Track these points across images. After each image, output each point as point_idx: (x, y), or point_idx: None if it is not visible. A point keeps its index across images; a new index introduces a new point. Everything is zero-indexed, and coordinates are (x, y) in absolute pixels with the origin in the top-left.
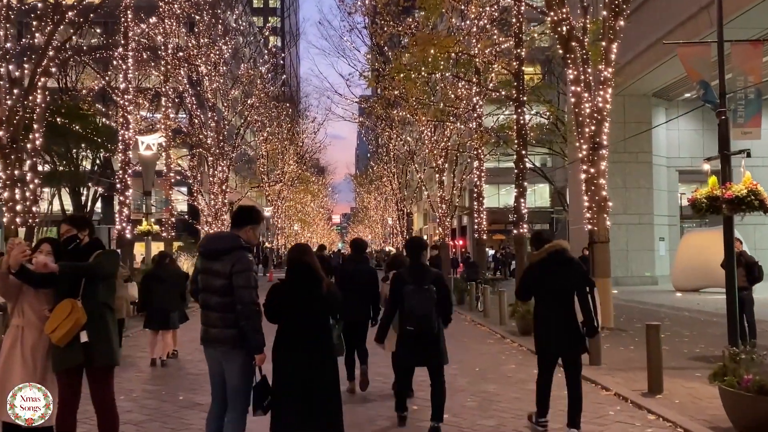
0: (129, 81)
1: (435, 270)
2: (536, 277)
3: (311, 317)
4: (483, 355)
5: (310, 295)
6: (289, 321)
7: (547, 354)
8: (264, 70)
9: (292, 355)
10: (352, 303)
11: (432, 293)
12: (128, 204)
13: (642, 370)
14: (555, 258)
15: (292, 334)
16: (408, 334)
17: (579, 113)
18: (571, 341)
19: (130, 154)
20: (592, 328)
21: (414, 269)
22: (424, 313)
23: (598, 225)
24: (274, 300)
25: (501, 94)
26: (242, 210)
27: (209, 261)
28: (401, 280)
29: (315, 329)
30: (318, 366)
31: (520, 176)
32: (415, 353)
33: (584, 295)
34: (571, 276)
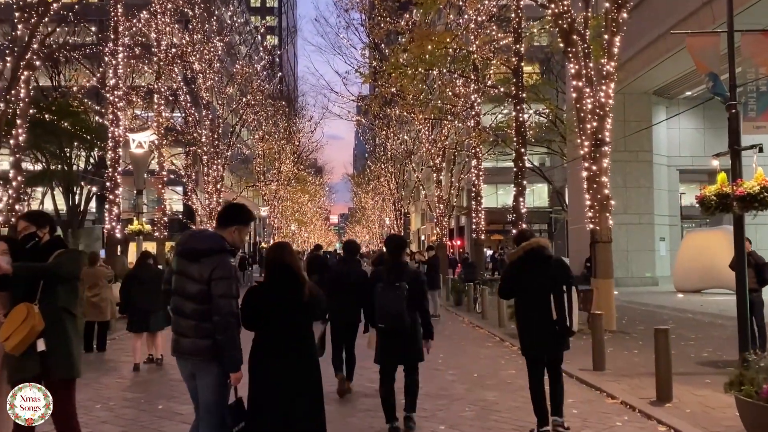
0: (119, 77)
1: (413, 269)
2: (515, 275)
3: (292, 324)
4: (481, 360)
5: (290, 300)
6: (267, 328)
7: (532, 354)
8: (260, 68)
9: (271, 366)
10: (342, 305)
11: (403, 291)
12: (118, 203)
13: (649, 377)
14: (533, 256)
15: (270, 343)
16: (381, 332)
17: (580, 109)
18: (552, 339)
19: (120, 152)
20: (565, 328)
21: (391, 267)
22: (394, 310)
23: (600, 224)
24: (250, 305)
25: (500, 90)
26: (230, 208)
27: (186, 262)
28: (377, 277)
29: (296, 337)
30: (299, 378)
31: (519, 175)
32: (391, 351)
33: (560, 294)
34: (548, 274)
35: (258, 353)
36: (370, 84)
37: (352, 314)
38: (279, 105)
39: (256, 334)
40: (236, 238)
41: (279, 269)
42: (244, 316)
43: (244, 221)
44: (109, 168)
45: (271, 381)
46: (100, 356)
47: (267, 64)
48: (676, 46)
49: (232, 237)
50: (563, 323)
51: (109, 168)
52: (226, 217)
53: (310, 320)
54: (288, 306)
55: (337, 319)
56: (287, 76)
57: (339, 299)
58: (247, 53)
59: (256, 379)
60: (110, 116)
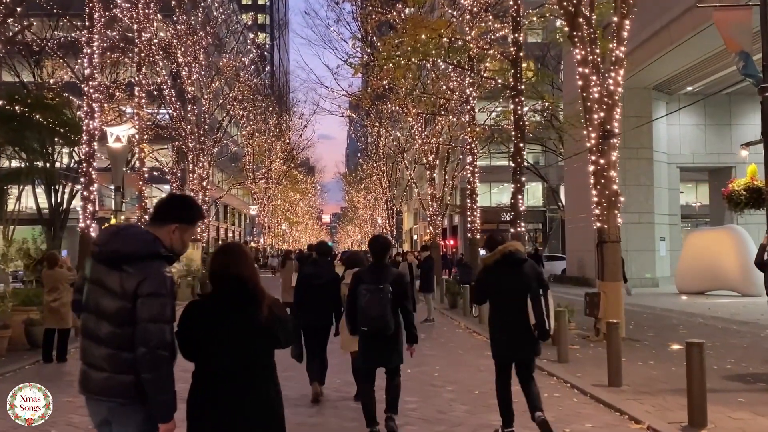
0: (94, 66)
1: (397, 270)
2: (489, 279)
3: (244, 353)
4: (482, 372)
5: (242, 321)
6: (211, 360)
7: (502, 357)
8: (248, 62)
9: (215, 413)
10: (312, 307)
11: (386, 293)
12: (93, 200)
13: (673, 394)
14: (507, 259)
15: (214, 380)
16: (363, 334)
17: (587, 98)
18: (524, 344)
19: (95, 146)
20: (543, 332)
21: (373, 269)
22: (377, 313)
23: (608, 222)
24: (187, 326)
25: (497, 82)
26: (170, 200)
27: (104, 269)
28: (359, 279)
29: (250, 372)
30: (253, 427)
31: (517, 171)
32: (372, 354)
33: (536, 297)
34: (524, 278)
35: (198, 395)
36: (362, 79)
37: (324, 317)
38: (268, 101)
39: (196, 367)
40: (176, 240)
41: (226, 280)
42: (179, 341)
43: (188, 219)
44: (83, 163)
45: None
46: (59, 368)
47: (255, 57)
48: (679, 37)
49: (170, 238)
50: (542, 327)
51: (83, 163)
52: (164, 211)
53: (270, 349)
54: (239, 330)
55: (308, 322)
56: (278, 73)
57: (310, 302)
58: (234, 47)
59: (196, 430)
60: (85, 108)
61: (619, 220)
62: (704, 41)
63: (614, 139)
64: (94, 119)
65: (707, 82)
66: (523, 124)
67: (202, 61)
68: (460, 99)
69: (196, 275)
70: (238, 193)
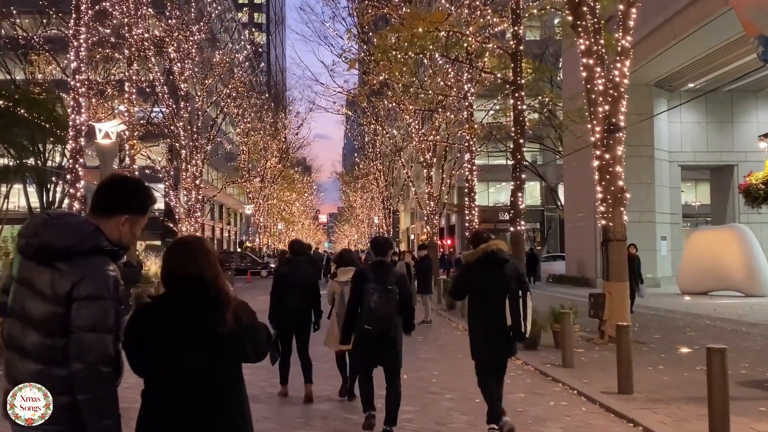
0: (81, 60)
1: (399, 270)
2: (470, 277)
3: (204, 368)
4: None
5: (202, 330)
6: (163, 376)
7: (483, 357)
8: (242, 58)
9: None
10: (289, 308)
11: (395, 294)
12: (80, 197)
13: (687, 402)
14: (489, 258)
15: (168, 401)
16: (365, 334)
17: (591, 90)
18: (501, 344)
19: (82, 142)
20: (519, 334)
21: (377, 268)
22: (384, 313)
23: (613, 220)
24: (137, 336)
25: (496, 77)
26: (117, 186)
27: (32, 265)
28: (363, 278)
29: (210, 391)
30: None
31: (517, 168)
32: (371, 353)
33: (515, 298)
34: (504, 277)
35: (149, 419)
36: (359, 76)
37: (303, 318)
38: (264, 98)
39: (146, 385)
40: (125, 233)
41: (183, 282)
42: (127, 353)
43: (140, 208)
44: (70, 159)
45: None
46: None
47: (250, 53)
48: (683, 31)
49: (118, 232)
50: (517, 328)
51: (70, 159)
52: (111, 199)
53: (235, 363)
54: (198, 340)
55: (284, 323)
56: (275, 73)
57: (286, 302)
58: (228, 42)
59: None
60: (71, 103)
61: (625, 218)
62: (708, 35)
63: (620, 132)
64: (80, 114)
65: (709, 79)
66: (523, 119)
67: (194, 55)
68: (458, 95)
69: None
70: (234, 193)
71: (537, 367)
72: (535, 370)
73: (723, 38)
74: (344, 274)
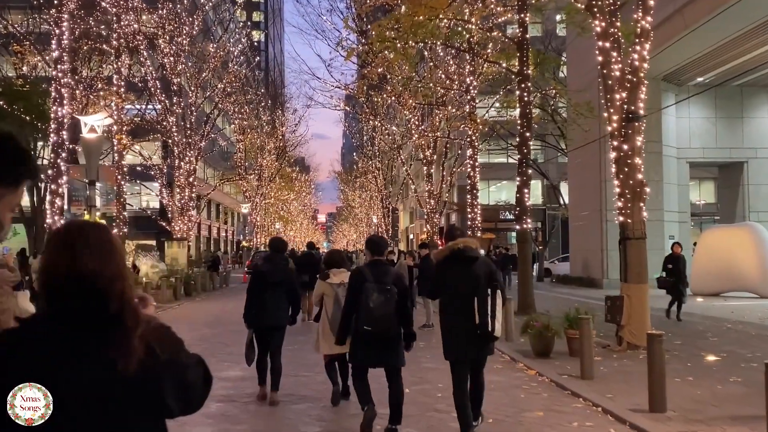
0: (63, 48)
1: (396, 269)
2: (439, 276)
3: (110, 421)
4: (493, 392)
5: (93, 370)
6: None
7: (455, 357)
8: (237, 52)
9: None
10: (267, 307)
11: (393, 293)
12: (61, 194)
13: (731, 422)
14: (457, 256)
15: None
16: (364, 334)
17: (607, 75)
18: (474, 343)
19: (64, 135)
20: (486, 333)
21: (375, 267)
22: (384, 313)
23: (632, 216)
24: None
25: (502, 67)
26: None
27: None
28: (361, 277)
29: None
30: None
31: (523, 163)
32: (371, 353)
33: (482, 296)
34: (472, 275)
35: None
36: (357, 71)
37: (281, 317)
38: (261, 95)
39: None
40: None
41: (68, 291)
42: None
43: (13, 177)
44: (51, 153)
45: None
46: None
47: (245, 47)
48: (694, 22)
49: None
50: (484, 327)
51: (51, 153)
52: None
53: (148, 423)
54: (87, 389)
55: (262, 322)
56: (273, 68)
57: (264, 300)
58: (223, 35)
59: None
60: (53, 94)
61: (644, 214)
62: (720, 25)
63: (639, 122)
64: (63, 106)
65: (718, 73)
66: (529, 112)
67: (185, 46)
68: (459, 89)
69: (180, 276)
70: (232, 192)
71: (553, 379)
72: (551, 383)
73: (734, 30)
74: (337, 276)
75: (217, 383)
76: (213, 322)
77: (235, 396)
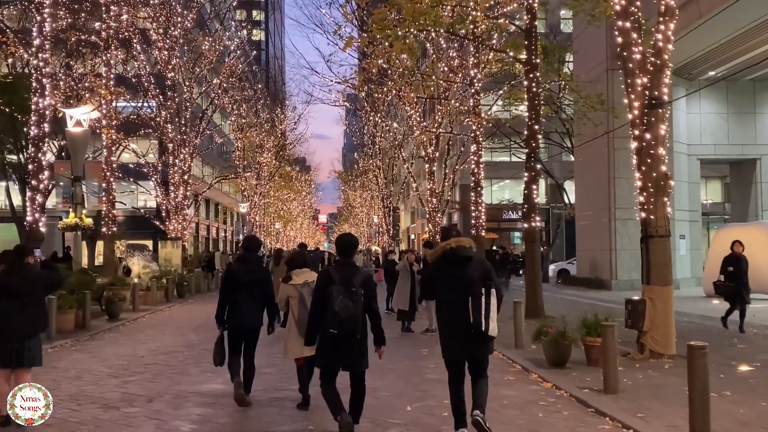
0: (45, 36)
1: (366, 271)
2: (435, 275)
3: None
4: (507, 410)
5: None
6: None
7: (451, 356)
8: (233, 46)
9: None
10: (241, 308)
11: (359, 295)
12: (42, 189)
13: None
14: (451, 256)
15: None
16: (330, 337)
17: (628, 58)
18: (472, 343)
19: (46, 128)
20: (480, 333)
21: (343, 268)
22: (349, 315)
23: (655, 212)
24: None
25: (509, 56)
26: None
27: None
28: (328, 279)
29: None
30: None
31: (531, 158)
32: (337, 356)
33: (477, 297)
34: (466, 275)
35: None
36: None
37: (255, 318)
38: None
39: None
40: None
41: None
42: None
43: None
44: (32, 147)
45: None
46: None
47: (243, 41)
48: (709, 10)
49: None
50: (478, 327)
51: (32, 147)
52: None
53: None
54: None
55: (235, 323)
56: (273, 68)
57: (237, 301)
58: (218, 29)
59: None
60: (34, 84)
61: (668, 210)
62: (735, 15)
63: (663, 108)
64: (44, 97)
65: (731, 66)
66: (538, 103)
67: (179, 38)
68: (463, 81)
69: (172, 277)
70: (231, 191)
71: (573, 394)
72: (571, 398)
73: (749, 20)
74: (299, 276)
75: (195, 398)
76: (201, 326)
77: (212, 416)
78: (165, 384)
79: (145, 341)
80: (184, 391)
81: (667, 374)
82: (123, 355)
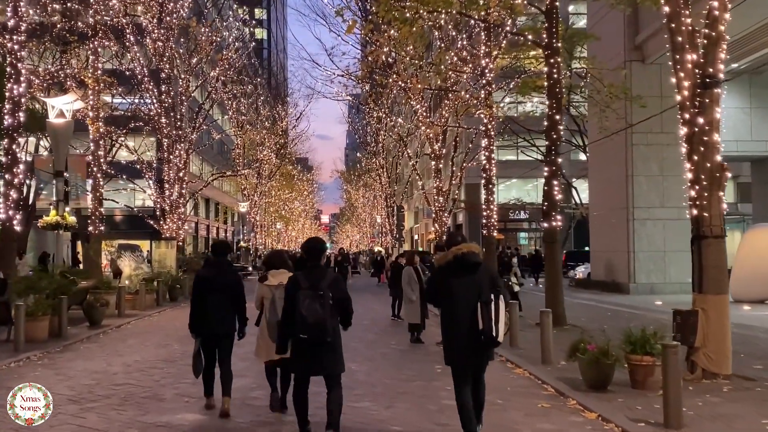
0: (20, 17)
1: (334, 274)
2: (442, 281)
3: None
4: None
5: None
6: None
7: (458, 363)
8: (231, 38)
9: None
10: (211, 313)
11: (327, 299)
12: (17, 185)
13: None
14: (460, 262)
15: None
16: (300, 342)
17: (676, 30)
18: (476, 349)
19: (21, 117)
20: (490, 339)
21: (310, 272)
22: (316, 320)
23: (709, 209)
24: None
25: (526, 38)
26: None
27: None
28: (295, 284)
29: None
30: None
31: (552, 150)
32: (310, 362)
33: (486, 303)
34: (476, 281)
35: None
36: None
37: (226, 323)
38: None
39: None
40: None
41: None
42: None
43: None
44: (6, 138)
45: None
46: None
47: (242, 33)
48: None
49: None
50: (489, 333)
51: (6, 138)
52: None
53: None
54: None
55: (206, 330)
56: (275, 65)
57: (208, 307)
58: (216, 18)
59: None
60: (8, 69)
61: (724, 206)
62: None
63: (719, 87)
64: (19, 84)
65: (755, 58)
66: (559, 90)
67: (172, 24)
68: (473, 72)
69: (165, 279)
70: (231, 191)
71: (625, 428)
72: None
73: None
74: (275, 277)
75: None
76: (188, 335)
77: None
78: (130, 414)
79: (123, 353)
80: (150, 425)
81: (730, 400)
82: (93, 372)
